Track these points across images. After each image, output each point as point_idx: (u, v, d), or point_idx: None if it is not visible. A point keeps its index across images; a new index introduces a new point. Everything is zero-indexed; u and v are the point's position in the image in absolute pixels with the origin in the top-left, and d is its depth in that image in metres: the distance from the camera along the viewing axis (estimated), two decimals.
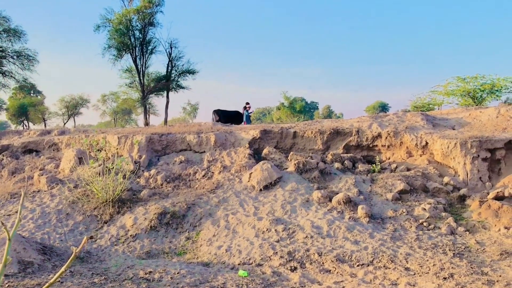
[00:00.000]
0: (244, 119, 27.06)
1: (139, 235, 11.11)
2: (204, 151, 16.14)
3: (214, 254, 9.79)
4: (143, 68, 35.29)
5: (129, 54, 34.85)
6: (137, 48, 34.82)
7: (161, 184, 14.14)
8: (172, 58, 36.26)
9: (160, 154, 16.35)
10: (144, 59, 35.21)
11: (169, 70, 36.45)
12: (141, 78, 35.22)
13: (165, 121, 36.49)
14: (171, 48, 36.02)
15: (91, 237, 9.53)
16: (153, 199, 13.03)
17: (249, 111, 27.98)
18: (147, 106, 37.78)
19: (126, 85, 38.33)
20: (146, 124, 35.15)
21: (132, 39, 34.31)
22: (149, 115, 39.03)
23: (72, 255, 3.25)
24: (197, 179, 14.44)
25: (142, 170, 15.13)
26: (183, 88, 38.17)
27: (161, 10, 35.00)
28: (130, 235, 11.10)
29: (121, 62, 36.13)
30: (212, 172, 14.68)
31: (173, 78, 36.94)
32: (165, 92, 37.15)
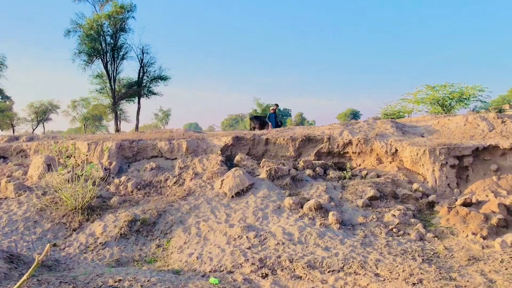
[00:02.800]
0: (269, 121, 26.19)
1: (109, 242, 10.95)
2: (176, 158, 16.03)
3: (185, 261, 9.71)
4: (114, 73, 34.96)
5: (100, 59, 34.48)
6: (108, 54, 34.48)
7: (132, 191, 13.99)
8: (143, 64, 36.05)
9: (130, 161, 16.18)
10: (115, 65, 34.91)
11: (140, 76, 36.21)
12: (112, 84, 34.86)
13: (136, 127, 36.19)
14: (142, 54, 35.84)
15: (54, 244, 9.37)
16: (123, 206, 12.87)
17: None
18: (118, 112, 37.46)
19: (96, 91, 37.90)
20: (117, 130, 34.80)
21: (103, 44, 33.97)
22: (120, 122, 38.73)
23: (35, 263, 3.19)
24: (169, 186, 14.34)
25: (112, 177, 14.95)
26: (154, 94, 37.94)
27: (133, 16, 34.81)
28: (100, 243, 10.93)
29: (91, 67, 35.78)
30: (184, 179, 14.59)
31: (144, 84, 36.68)
32: (137, 98, 36.84)
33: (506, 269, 8.39)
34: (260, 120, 26.11)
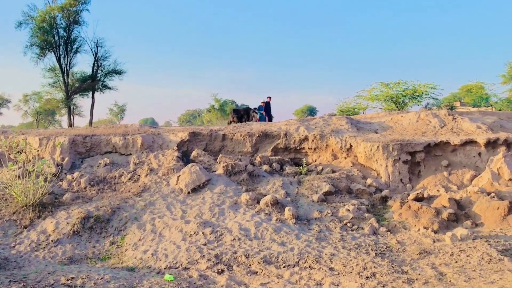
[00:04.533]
0: (258, 116, 26.00)
1: (61, 240, 10.69)
2: (131, 154, 15.78)
3: (140, 258, 9.59)
4: (68, 67, 34.04)
5: (52, 52, 33.53)
6: (61, 47, 33.55)
7: (85, 188, 13.70)
8: (98, 58, 35.24)
9: (84, 157, 15.84)
10: (69, 58, 34.00)
11: (95, 70, 35.40)
12: (65, 77, 33.95)
13: (90, 122, 35.42)
14: (97, 47, 35.02)
15: None
16: (76, 203, 12.59)
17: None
18: (72, 107, 36.58)
19: (49, 84, 36.83)
20: (70, 125, 33.98)
21: (56, 37, 33.03)
22: (73, 116, 37.83)
23: None
24: (123, 182, 14.11)
25: (65, 173, 14.59)
26: (109, 88, 37.16)
27: (87, 8, 33.95)
28: (52, 240, 10.66)
29: (44, 61, 34.65)
30: (139, 175, 14.39)
31: (99, 78, 35.89)
32: (91, 92, 36.05)
33: (456, 262, 8.65)
34: (238, 113, 25.82)
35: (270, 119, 26.52)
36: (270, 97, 27.50)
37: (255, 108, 26.36)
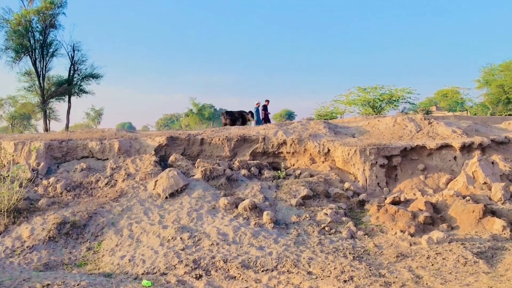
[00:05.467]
0: (255, 118, 25.37)
1: (37, 246, 10.52)
2: (108, 158, 15.63)
3: (117, 264, 9.50)
4: (44, 71, 33.64)
5: (28, 56, 33.11)
6: (37, 51, 33.15)
7: (61, 193, 13.52)
8: (74, 62, 34.88)
9: (60, 162, 15.63)
10: (45, 62, 33.60)
11: (71, 74, 35.03)
12: (41, 81, 33.53)
13: (67, 126, 34.99)
14: (73, 51, 34.67)
15: None
16: (52, 208, 12.42)
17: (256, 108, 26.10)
18: (47, 111, 36.10)
19: (25, 88, 36.31)
20: (46, 130, 33.55)
21: (31, 41, 32.61)
22: (49, 121, 37.33)
23: None
24: (100, 187, 13.96)
25: (41, 178, 14.39)
26: (86, 92, 36.82)
27: (63, 12, 33.62)
28: (27, 247, 10.48)
29: (19, 64, 34.14)
30: (116, 180, 14.26)
31: (75, 82, 35.54)
32: (67, 96, 35.65)
33: (432, 264, 8.76)
34: (231, 116, 25.07)
35: (268, 121, 25.99)
36: (268, 100, 26.81)
37: (249, 111, 25.61)
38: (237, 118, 25.00)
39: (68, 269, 9.57)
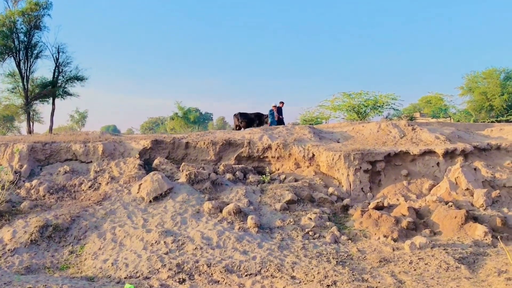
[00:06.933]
0: (269, 120, 24.52)
1: (18, 249, 10.40)
2: (91, 161, 15.52)
3: (100, 268, 9.43)
4: (28, 73, 33.28)
5: (12, 57, 32.76)
6: (21, 52, 32.80)
7: (44, 196, 13.40)
8: (59, 64, 34.58)
9: (43, 164, 15.49)
10: (29, 64, 33.26)
11: (55, 76, 34.72)
12: (25, 83, 33.18)
13: (50, 129, 34.66)
14: (58, 53, 34.35)
15: None
16: (35, 211, 12.31)
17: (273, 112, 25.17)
18: (31, 113, 35.70)
19: (8, 90, 35.87)
20: (30, 132, 33.18)
21: (16, 42, 32.26)
22: (33, 123, 36.88)
23: None
24: (83, 190, 13.86)
25: (23, 181, 14.25)
26: (70, 95, 36.47)
27: (48, 13, 33.32)
28: (8, 250, 10.36)
29: (3, 66, 33.78)
30: (99, 183, 14.16)
31: (60, 84, 35.21)
32: (51, 98, 35.32)
33: (415, 270, 8.82)
34: (246, 118, 24.56)
35: (282, 124, 25.54)
36: (282, 102, 25.87)
37: (267, 114, 24.93)
38: (254, 120, 24.47)
39: (50, 272, 9.48)
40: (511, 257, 7.82)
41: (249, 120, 24.52)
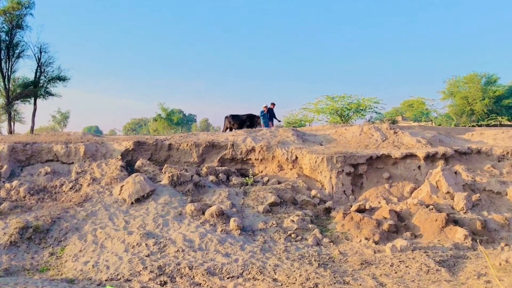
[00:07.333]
0: (262, 121, 24.29)
1: None
2: (73, 162, 15.37)
3: (80, 270, 9.34)
4: (9, 72, 32.90)
5: None
6: (2, 51, 32.40)
7: (24, 197, 13.23)
8: (41, 63, 34.21)
9: (24, 165, 15.30)
10: (10, 63, 32.87)
11: (37, 76, 34.34)
12: (6, 83, 32.76)
13: (32, 129, 34.25)
14: (40, 52, 33.98)
15: None
16: (15, 212, 12.15)
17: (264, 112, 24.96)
18: (12, 113, 35.24)
19: None
20: (10, 132, 32.75)
21: None
22: (14, 123, 36.38)
23: None
24: (64, 191, 13.72)
25: (3, 181, 14.06)
26: (52, 95, 36.06)
27: (31, 12, 32.99)
28: None
29: None
30: (81, 185, 14.03)
31: (42, 84, 34.82)
32: (33, 98, 34.92)
33: (396, 272, 8.89)
34: (238, 119, 24.20)
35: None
36: (273, 104, 25.61)
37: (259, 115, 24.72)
38: (245, 121, 24.15)
39: (29, 274, 9.37)
40: (490, 260, 7.92)
41: (241, 121, 24.20)
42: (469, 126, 32.37)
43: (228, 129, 24.04)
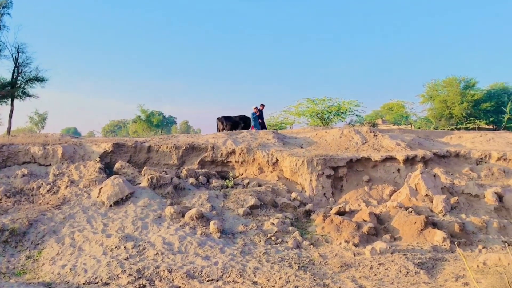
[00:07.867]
0: (253, 123, 24.19)
1: None
2: (50, 164, 15.15)
3: (58, 273, 9.20)
4: None
5: None
6: None
7: (0, 199, 12.99)
8: (18, 64, 33.71)
9: (0, 167, 15.04)
10: None
11: (15, 76, 33.83)
12: None
13: (8, 131, 33.72)
14: (18, 53, 33.45)
15: None
16: None
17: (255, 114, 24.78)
18: None
19: None
20: None
21: None
22: None
23: None
24: (41, 194, 13.51)
25: None
26: (30, 96, 35.54)
27: (8, 12, 32.52)
28: None
29: None
30: (58, 187, 13.84)
31: (19, 85, 34.29)
32: (10, 99, 34.41)
33: (375, 275, 8.93)
34: (231, 121, 23.83)
35: (264, 127, 25.10)
36: (263, 105, 25.69)
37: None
38: (239, 122, 23.89)
39: (5, 278, 9.20)
40: (468, 262, 7.99)
41: (234, 123, 23.81)
42: (448, 130, 32.79)
43: (221, 131, 23.91)
